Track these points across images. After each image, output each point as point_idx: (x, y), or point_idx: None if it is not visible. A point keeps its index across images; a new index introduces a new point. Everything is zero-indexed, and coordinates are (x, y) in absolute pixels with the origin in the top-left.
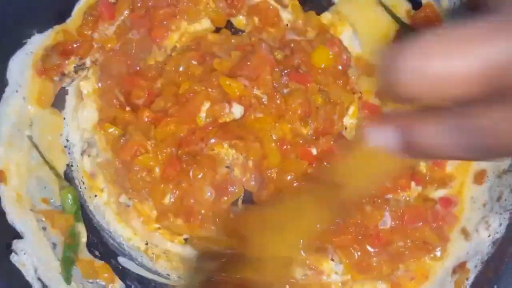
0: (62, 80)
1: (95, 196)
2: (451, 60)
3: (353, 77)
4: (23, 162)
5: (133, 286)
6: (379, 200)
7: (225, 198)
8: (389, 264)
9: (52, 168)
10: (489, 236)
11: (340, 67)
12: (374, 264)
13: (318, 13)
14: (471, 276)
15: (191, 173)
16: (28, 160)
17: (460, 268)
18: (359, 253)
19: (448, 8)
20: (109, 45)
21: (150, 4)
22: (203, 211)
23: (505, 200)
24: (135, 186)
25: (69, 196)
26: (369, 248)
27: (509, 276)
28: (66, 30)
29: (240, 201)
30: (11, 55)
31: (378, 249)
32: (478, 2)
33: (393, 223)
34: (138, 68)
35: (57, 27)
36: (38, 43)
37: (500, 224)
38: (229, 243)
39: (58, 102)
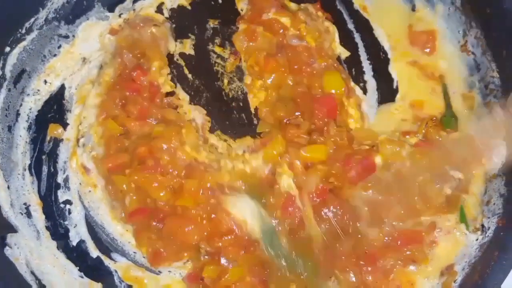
0: None
1: (89, 191)
2: None
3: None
4: None
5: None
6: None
7: None
8: (383, 280)
9: None
10: (477, 239)
11: None
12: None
13: None
14: (459, 279)
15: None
16: None
17: (448, 270)
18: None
19: (443, 13)
20: None
21: None
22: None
23: (494, 204)
24: (116, 195)
25: None
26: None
27: (495, 279)
28: None
29: None
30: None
31: (371, 267)
32: None
33: (386, 239)
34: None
35: None
36: None
37: (488, 228)
38: None
39: None
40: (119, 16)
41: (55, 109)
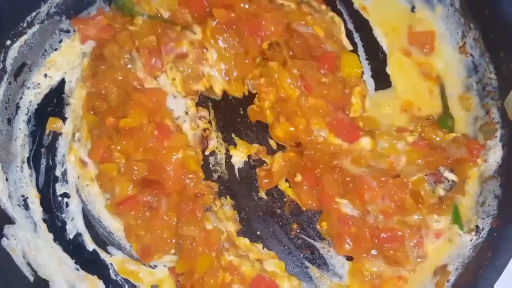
0: None
1: (87, 185)
2: None
3: None
4: None
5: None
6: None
7: None
8: None
9: None
10: (471, 240)
11: None
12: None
13: None
14: (452, 279)
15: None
16: None
17: (441, 270)
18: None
19: (442, 14)
20: None
21: None
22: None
23: (489, 205)
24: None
25: None
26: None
27: (488, 279)
28: None
29: None
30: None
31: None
32: None
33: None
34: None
35: None
36: None
37: (483, 229)
38: None
39: None
40: None
41: (54, 102)
